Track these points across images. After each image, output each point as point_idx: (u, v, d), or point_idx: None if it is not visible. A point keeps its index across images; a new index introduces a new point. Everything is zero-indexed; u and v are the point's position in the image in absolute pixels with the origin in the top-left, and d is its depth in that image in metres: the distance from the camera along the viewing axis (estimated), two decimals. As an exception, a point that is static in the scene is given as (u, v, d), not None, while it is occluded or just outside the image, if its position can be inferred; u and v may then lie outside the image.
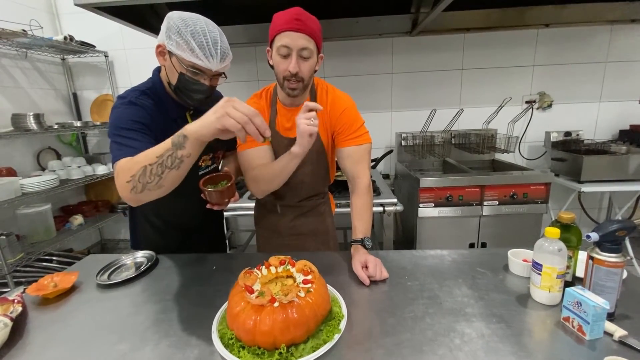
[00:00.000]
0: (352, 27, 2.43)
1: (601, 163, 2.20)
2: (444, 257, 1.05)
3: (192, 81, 0.92)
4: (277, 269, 0.81)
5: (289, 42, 0.92)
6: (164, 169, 0.76)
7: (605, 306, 0.65)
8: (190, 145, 0.74)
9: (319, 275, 0.78)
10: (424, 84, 2.66)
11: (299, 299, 0.67)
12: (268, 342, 0.64)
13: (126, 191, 0.79)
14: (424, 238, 2.18)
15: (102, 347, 0.72)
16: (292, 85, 0.97)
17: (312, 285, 0.72)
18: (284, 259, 0.83)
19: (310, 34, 0.93)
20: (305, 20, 0.92)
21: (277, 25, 0.94)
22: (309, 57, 0.96)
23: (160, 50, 0.93)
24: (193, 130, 0.73)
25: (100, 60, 2.73)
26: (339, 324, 0.72)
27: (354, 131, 1.08)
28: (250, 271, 0.78)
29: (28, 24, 2.20)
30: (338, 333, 0.69)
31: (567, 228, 0.81)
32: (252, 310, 0.65)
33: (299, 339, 0.66)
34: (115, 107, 0.93)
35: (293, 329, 0.64)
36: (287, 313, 0.64)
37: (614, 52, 2.51)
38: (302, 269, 0.79)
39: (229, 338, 0.68)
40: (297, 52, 0.93)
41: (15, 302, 0.83)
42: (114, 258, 1.11)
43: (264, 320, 0.64)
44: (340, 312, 0.76)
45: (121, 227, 3.13)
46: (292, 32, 0.91)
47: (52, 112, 2.63)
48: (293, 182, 1.17)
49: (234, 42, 2.56)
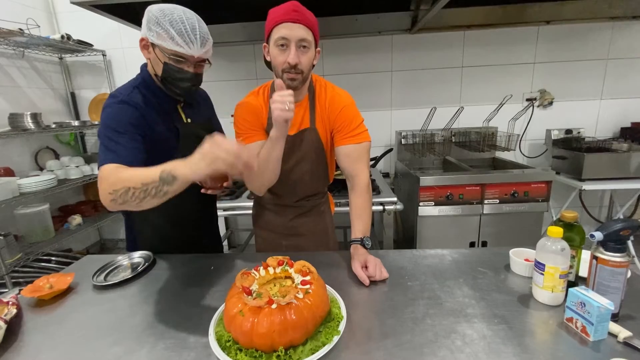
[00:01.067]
0: (351, 25, 2.41)
1: (602, 161, 2.18)
2: (445, 257, 1.04)
3: (176, 69, 0.93)
4: (276, 270, 0.80)
5: (288, 33, 0.91)
6: (147, 196, 0.77)
7: (610, 307, 0.64)
8: (178, 186, 0.75)
9: (318, 275, 0.77)
10: (423, 81, 2.65)
11: (297, 300, 0.66)
12: (266, 345, 0.63)
13: (106, 200, 0.81)
14: (424, 237, 2.17)
15: (98, 349, 0.70)
16: (292, 76, 0.96)
17: (310, 287, 0.71)
18: (282, 259, 0.81)
19: (308, 25, 0.92)
20: (302, 12, 0.92)
21: (274, 18, 0.93)
22: (308, 48, 0.95)
23: (144, 44, 0.95)
24: (183, 174, 0.74)
25: (98, 59, 2.71)
26: (338, 325, 0.71)
27: (353, 129, 1.06)
28: (247, 272, 0.77)
29: (25, 22, 2.19)
30: (337, 335, 0.68)
31: (570, 227, 0.80)
32: (250, 312, 0.64)
33: (297, 341, 0.65)
34: (107, 106, 0.93)
35: (291, 331, 0.63)
36: (285, 315, 0.63)
37: (615, 49, 2.50)
38: (300, 270, 0.78)
39: (226, 340, 0.67)
40: (296, 43, 0.92)
41: (10, 304, 0.82)
42: (111, 259, 1.10)
43: (261, 322, 0.62)
44: (339, 314, 0.75)
45: (120, 226, 3.12)
46: (290, 23, 0.90)
47: (50, 112, 2.61)
48: (291, 181, 1.16)
49: (232, 40, 2.55)
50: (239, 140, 1.07)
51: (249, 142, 1.06)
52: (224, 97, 2.74)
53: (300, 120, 1.08)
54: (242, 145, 0.73)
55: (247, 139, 1.06)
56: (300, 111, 1.08)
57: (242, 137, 1.07)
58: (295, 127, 1.09)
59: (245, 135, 1.07)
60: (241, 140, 1.06)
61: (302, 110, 1.08)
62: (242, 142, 1.06)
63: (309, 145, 1.10)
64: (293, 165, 1.13)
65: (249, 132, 1.07)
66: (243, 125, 1.07)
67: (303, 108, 1.08)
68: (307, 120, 1.08)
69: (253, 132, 1.07)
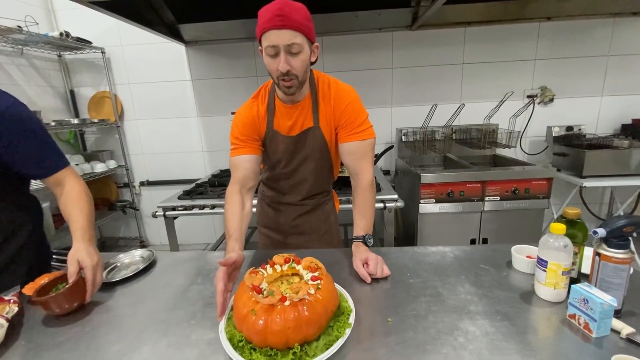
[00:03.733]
0: (351, 21, 2.40)
1: (603, 158, 2.18)
2: (446, 254, 1.04)
3: None
4: (282, 267, 0.80)
5: (275, 41, 0.87)
6: None
7: (613, 303, 0.63)
8: None
9: (325, 271, 0.77)
10: (424, 78, 2.64)
11: (309, 296, 0.66)
12: (280, 342, 0.62)
13: None
14: (425, 234, 2.17)
15: (100, 347, 0.70)
16: (287, 83, 0.93)
17: (320, 282, 0.71)
18: (288, 256, 0.81)
19: (296, 27, 0.87)
20: (288, 14, 0.85)
21: (261, 24, 0.88)
22: (299, 52, 0.90)
23: None
24: None
25: (97, 57, 2.70)
26: (348, 318, 0.71)
27: (358, 125, 1.04)
28: (255, 271, 0.77)
29: (23, 20, 2.17)
30: (349, 327, 0.68)
31: (572, 224, 0.79)
32: (262, 311, 0.63)
33: (311, 336, 0.65)
34: None
35: (305, 327, 0.63)
36: (299, 311, 0.63)
37: (616, 46, 2.49)
38: (308, 266, 0.78)
39: (238, 340, 0.66)
40: (285, 49, 0.88)
41: (12, 302, 0.81)
42: (112, 256, 1.10)
43: (275, 320, 0.62)
44: (348, 307, 0.75)
45: (120, 225, 3.12)
46: (276, 30, 0.86)
47: (49, 110, 2.61)
48: (295, 181, 1.15)
49: (232, 37, 2.54)
50: (232, 149, 1.06)
51: (238, 155, 1.04)
52: (223, 95, 2.75)
53: (303, 120, 1.06)
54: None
55: (236, 148, 1.05)
56: (303, 111, 1.06)
57: (233, 146, 1.06)
58: (298, 128, 1.07)
59: (236, 145, 1.06)
60: (233, 149, 1.06)
61: (305, 110, 1.06)
62: (233, 152, 1.06)
63: (313, 145, 1.09)
64: (297, 165, 1.12)
65: (240, 143, 1.05)
66: (236, 136, 1.06)
67: (305, 107, 1.06)
68: (309, 119, 1.06)
69: (243, 143, 1.05)
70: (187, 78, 2.71)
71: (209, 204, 1.91)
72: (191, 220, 2.97)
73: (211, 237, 3.07)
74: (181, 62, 2.68)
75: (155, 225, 3.10)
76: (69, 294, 0.82)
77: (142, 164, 2.97)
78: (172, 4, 2.10)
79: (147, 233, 3.15)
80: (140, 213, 3.08)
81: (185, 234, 2.90)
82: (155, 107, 2.81)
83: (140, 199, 3.06)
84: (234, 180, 1.04)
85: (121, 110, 2.82)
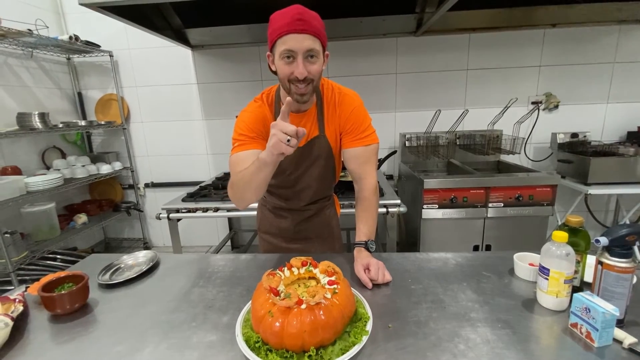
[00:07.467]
0: (356, 27, 2.42)
1: (608, 165, 2.16)
2: (448, 260, 1.04)
3: None
4: (300, 270, 0.80)
5: (294, 46, 0.85)
6: None
7: (615, 312, 0.63)
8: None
9: (342, 276, 0.77)
10: (428, 84, 2.64)
11: (325, 300, 0.66)
12: (297, 345, 0.63)
13: None
14: (428, 240, 2.16)
15: (102, 348, 0.71)
16: (301, 90, 0.90)
17: (337, 286, 0.71)
18: (305, 260, 0.82)
19: (315, 34, 0.86)
20: (308, 20, 0.85)
21: (278, 27, 0.86)
22: (316, 58, 0.89)
23: None
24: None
25: (105, 60, 2.74)
26: (366, 325, 0.71)
27: (362, 131, 1.04)
28: (273, 273, 0.77)
29: (34, 23, 2.21)
30: (366, 335, 0.68)
31: (575, 232, 0.79)
32: (279, 313, 0.64)
33: (327, 341, 0.65)
34: None
35: (321, 331, 0.63)
36: (316, 315, 0.63)
37: (622, 53, 2.47)
38: (326, 270, 0.78)
39: (254, 341, 0.66)
40: (303, 55, 0.87)
41: (17, 301, 0.83)
42: (116, 258, 1.11)
43: (291, 322, 0.62)
44: (365, 314, 0.74)
45: (125, 226, 3.14)
46: (296, 35, 0.84)
47: (57, 111, 2.64)
48: (299, 188, 1.15)
49: (237, 41, 2.57)
50: (235, 146, 1.00)
51: (245, 149, 0.98)
52: (228, 99, 2.78)
53: (309, 129, 1.05)
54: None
55: (243, 144, 0.98)
56: (309, 120, 1.05)
57: (238, 142, 1.00)
58: (304, 138, 1.03)
59: (242, 141, 0.99)
60: (237, 146, 0.99)
61: (311, 118, 1.05)
62: (237, 148, 0.99)
63: (319, 153, 1.08)
64: (302, 173, 1.11)
65: (247, 139, 0.99)
66: (243, 132, 1.00)
67: (311, 116, 1.05)
68: (315, 127, 1.05)
69: (251, 139, 0.99)
70: (193, 81, 2.74)
71: (212, 207, 1.92)
72: (194, 222, 2.99)
73: (214, 239, 3.08)
74: (187, 66, 2.71)
75: (158, 226, 3.12)
76: (74, 295, 0.83)
77: (147, 166, 2.99)
78: (180, 9, 2.14)
79: (150, 234, 3.17)
80: (144, 214, 3.11)
81: (188, 236, 2.91)
82: (161, 110, 2.84)
83: (144, 201, 3.08)
84: None
85: (127, 112, 2.85)
